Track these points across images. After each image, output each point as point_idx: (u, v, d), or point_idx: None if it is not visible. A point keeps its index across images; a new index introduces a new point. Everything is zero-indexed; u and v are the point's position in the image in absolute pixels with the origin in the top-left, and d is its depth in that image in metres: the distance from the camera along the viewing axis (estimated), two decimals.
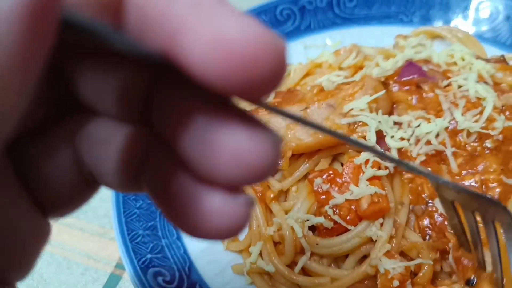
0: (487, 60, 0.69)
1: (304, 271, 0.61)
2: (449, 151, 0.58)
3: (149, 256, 0.60)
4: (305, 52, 0.85)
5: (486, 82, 0.64)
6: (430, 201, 0.59)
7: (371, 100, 0.61)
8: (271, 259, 0.61)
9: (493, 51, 0.77)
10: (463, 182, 0.57)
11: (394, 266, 0.53)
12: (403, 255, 0.57)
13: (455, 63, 0.68)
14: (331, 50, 0.80)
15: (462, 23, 0.82)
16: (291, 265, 0.61)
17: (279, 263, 0.61)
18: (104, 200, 0.78)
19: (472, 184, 0.57)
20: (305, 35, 0.86)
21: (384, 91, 0.62)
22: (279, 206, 0.64)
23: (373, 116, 0.60)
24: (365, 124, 0.60)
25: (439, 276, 0.57)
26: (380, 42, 0.81)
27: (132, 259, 0.58)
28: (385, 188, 0.58)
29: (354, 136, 0.60)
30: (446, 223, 0.56)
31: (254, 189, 0.65)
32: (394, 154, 0.60)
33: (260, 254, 0.63)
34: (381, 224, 0.57)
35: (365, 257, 0.60)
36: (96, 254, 0.72)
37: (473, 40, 0.78)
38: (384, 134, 0.61)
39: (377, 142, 0.60)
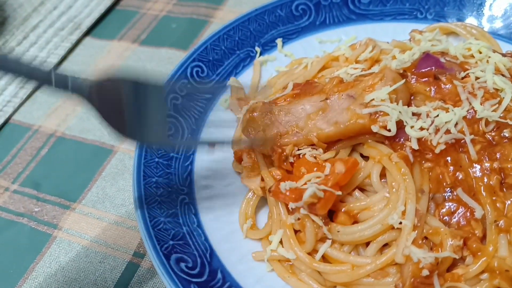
0: (503, 55, 0.70)
1: (325, 259, 0.62)
2: (468, 139, 0.59)
3: (171, 242, 0.61)
4: (320, 46, 0.86)
5: (503, 75, 0.65)
6: (449, 189, 0.60)
7: (391, 91, 0.62)
8: (292, 247, 0.62)
9: (507, 48, 0.78)
10: (480, 167, 0.58)
11: (425, 256, 0.53)
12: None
13: (472, 56, 0.69)
14: (346, 45, 0.81)
15: (476, 20, 0.83)
16: (311, 253, 0.62)
17: (300, 251, 0.61)
18: (121, 190, 0.79)
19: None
20: (320, 30, 0.87)
21: (404, 80, 0.63)
22: None
23: (393, 106, 0.61)
24: (386, 114, 0.61)
25: (457, 262, 0.58)
26: (394, 38, 0.81)
27: (155, 245, 0.59)
28: (405, 177, 0.59)
29: (376, 126, 0.60)
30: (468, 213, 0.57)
31: (274, 178, 0.65)
32: (414, 143, 0.61)
33: (280, 242, 0.63)
34: (403, 212, 0.58)
35: (385, 245, 0.60)
36: (114, 243, 0.73)
37: (488, 36, 0.79)
38: (404, 124, 0.61)
39: (397, 132, 0.61)
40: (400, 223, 0.57)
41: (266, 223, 0.66)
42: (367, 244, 0.61)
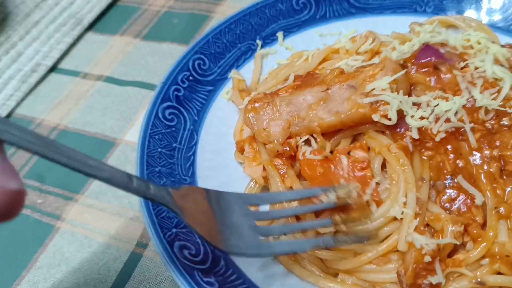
0: (502, 46, 0.71)
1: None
2: (467, 127, 0.60)
3: (174, 230, 0.61)
4: (321, 40, 0.87)
5: (502, 65, 0.66)
6: (449, 177, 0.60)
7: (391, 81, 0.63)
8: (294, 234, 0.62)
9: (506, 40, 0.79)
10: (481, 154, 0.59)
11: (428, 243, 0.54)
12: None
13: (471, 47, 0.70)
14: (347, 38, 0.82)
15: (475, 14, 0.84)
16: None
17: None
18: None
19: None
20: (321, 23, 0.88)
21: (405, 70, 0.63)
22: (300, 185, 0.65)
23: (394, 95, 0.62)
24: (386, 103, 0.61)
25: (457, 248, 0.58)
26: (394, 31, 0.82)
27: (158, 233, 0.59)
28: (404, 167, 0.60)
29: (377, 115, 0.61)
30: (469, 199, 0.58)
31: (276, 167, 0.66)
32: (414, 133, 0.61)
33: None
34: (404, 204, 0.58)
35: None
36: (116, 233, 0.73)
37: (486, 29, 0.80)
38: (405, 114, 0.62)
39: (398, 122, 0.62)
40: (402, 212, 0.58)
41: None
42: None
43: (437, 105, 0.62)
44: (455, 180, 0.60)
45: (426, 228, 0.58)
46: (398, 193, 0.59)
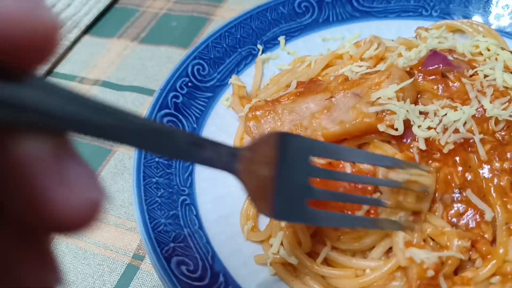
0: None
1: (328, 262, 0.60)
2: (477, 138, 0.58)
3: (172, 245, 0.59)
4: (324, 44, 0.84)
5: None
6: (457, 190, 0.58)
7: (398, 89, 0.61)
8: (293, 251, 0.60)
9: None
10: (490, 167, 0.57)
11: (428, 256, 0.52)
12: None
13: (480, 53, 0.67)
14: (350, 42, 0.80)
15: (482, 18, 0.82)
16: (314, 254, 0.60)
17: (301, 254, 0.59)
18: (120, 191, 0.77)
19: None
20: (323, 27, 0.86)
21: (413, 79, 0.61)
22: None
23: (400, 104, 0.59)
24: (393, 112, 0.59)
25: (466, 265, 0.56)
26: (399, 36, 0.80)
27: (155, 248, 0.57)
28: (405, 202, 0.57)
29: (383, 125, 0.59)
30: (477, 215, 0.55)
31: None
32: (421, 144, 0.59)
33: (282, 244, 0.61)
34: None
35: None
36: (112, 245, 0.71)
37: (495, 34, 0.77)
38: (412, 123, 0.60)
39: (404, 132, 0.59)
40: None
41: (267, 224, 0.64)
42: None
43: (445, 114, 0.60)
44: (464, 194, 0.57)
45: (431, 244, 0.56)
46: None
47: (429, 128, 0.59)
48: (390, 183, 0.55)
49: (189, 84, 0.76)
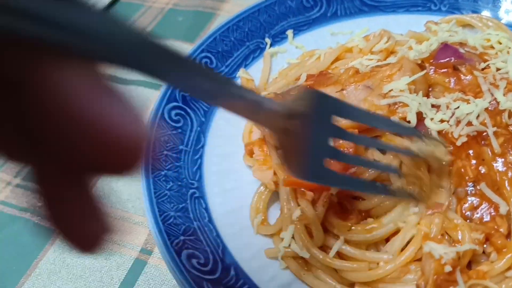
0: None
1: (340, 255, 0.59)
2: (490, 131, 0.57)
3: (182, 238, 0.58)
4: (332, 39, 0.84)
5: None
6: (471, 184, 0.57)
7: (409, 82, 0.60)
8: (304, 244, 0.59)
9: None
10: (504, 160, 0.56)
11: (446, 251, 0.51)
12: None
13: (491, 47, 0.67)
14: (359, 36, 0.79)
15: (492, 12, 0.81)
16: (325, 248, 0.60)
17: (313, 247, 0.59)
18: (127, 185, 0.77)
19: None
20: (332, 22, 0.85)
21: (425, 71, 0.61)
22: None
23: (413, 97, 0.59)
24: (405, 105, 0.59)
25: (480, 259, 0.56)
26: (408, 30, 0.79)
27: (165, 241, 0.56)
28: (420, 172, 0.57)
29: (395, 117, 0.58)
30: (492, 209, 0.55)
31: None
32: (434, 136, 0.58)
33: (293, 237, 0.61)
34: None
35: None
36: (119, 239, 0.70)
37: (504, 28, 0.77)
38: (424, 116, 0.59)
39: (417, 124, 0.59)
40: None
41: (277, 218, 0.64)
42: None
43: (458, 107, 0.59)
44: (478, 187, 0.57)
45: (446, 238, 0.55)
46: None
47: (441, 121, 0.59)
48: (408, 152, 0.55)
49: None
